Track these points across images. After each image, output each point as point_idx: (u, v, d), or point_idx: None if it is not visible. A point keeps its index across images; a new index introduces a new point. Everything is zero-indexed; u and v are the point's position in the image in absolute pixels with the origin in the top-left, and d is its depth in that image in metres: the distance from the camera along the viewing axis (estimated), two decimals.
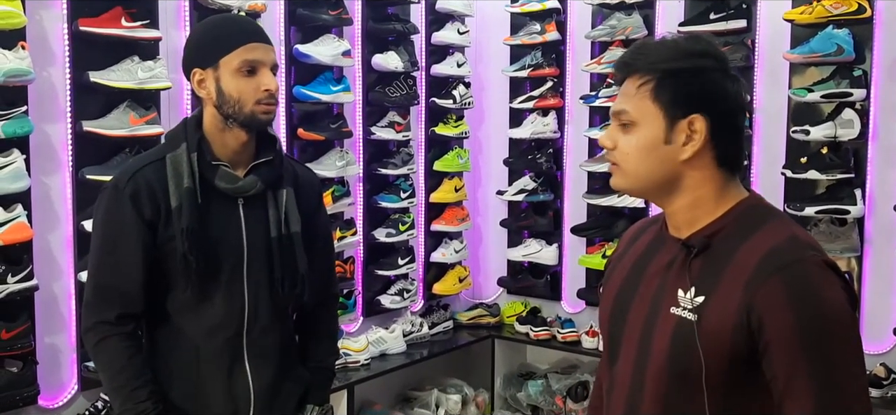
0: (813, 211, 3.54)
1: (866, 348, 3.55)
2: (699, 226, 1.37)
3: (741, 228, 1.35)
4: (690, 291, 1.33)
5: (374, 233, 4.01)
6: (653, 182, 1.38)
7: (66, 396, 3.02)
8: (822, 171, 3.52)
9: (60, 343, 3.00)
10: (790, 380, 1.27)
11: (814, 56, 3.52)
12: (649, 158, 1.35)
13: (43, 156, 2.89)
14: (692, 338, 1.31)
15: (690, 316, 1.32)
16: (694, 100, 1.33)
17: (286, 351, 2.07)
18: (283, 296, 2.00)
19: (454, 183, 4.32)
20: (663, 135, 1.34)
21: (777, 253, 1.29)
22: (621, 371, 1.44)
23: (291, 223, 1.98)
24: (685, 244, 1.37)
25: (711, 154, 1.35)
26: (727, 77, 1.35)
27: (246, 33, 1.91)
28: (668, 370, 1.35)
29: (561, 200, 4.37)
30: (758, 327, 1.27)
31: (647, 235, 1.50)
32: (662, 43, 1.39)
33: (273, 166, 1.97)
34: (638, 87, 1.35)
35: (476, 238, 4.64)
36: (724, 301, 1.30)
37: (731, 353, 1.29)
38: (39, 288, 2.83)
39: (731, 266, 1.31)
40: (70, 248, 2.97)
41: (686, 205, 1.38)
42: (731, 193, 1.38)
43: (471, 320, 4.46)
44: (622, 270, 1.50)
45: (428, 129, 4.24)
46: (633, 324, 1.42)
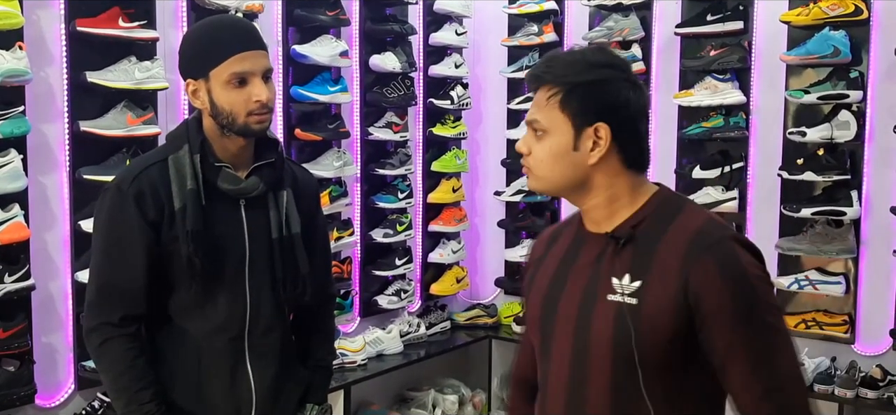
0: (809, 212, 3.54)
1: (863, 350, 3.62)
2: (620, 219, 1.48)
3: (661, 216, 1.47)
4: (625, 277, 1.44)
5: (372, 233, 4.02)
6: (565, 185, 1.49)
7: (62, 395, 3.03)
8: (818, 172, 3.52)
9: (57, 342, 3.01)
10: (728, 356, 1.40)
11: (810, 58, 3.52)
12: (560, 163, 1.47)
13: (40, 156, 2.90)
14: (635, 320, 1.41)
15: (632, 300, 1.42)
16: (598, 109, 1.44)
17: (286, 352, 2.07)
18: (285, 297, 2.00)
19: (452, 183, 4.33)
20: (571, 142, 1.45)
21: (703, 233, 1.42)
22: (557, 367, 1.51)
23: (292, 224, 1.98)
24: (612, 236, 1.48)
25: (617, 157, 1.46)
26: (629, 86, 1.46)
27: (235, 42, 1.85)
28: (612, 355, 1.43)
29: (558, 202, 4.37)
30: (695, 303, 1.38)
31: (565, 237, 1.58)
32: (570, 55, 1.51)
33: (274, 168, 1.97)
34: (548, 99, 1.46)
35: (474, 239, 4.64)
36: (661, 282, 1.41)
37: (672, 330, 1.39)
38: (36, 288, 2.83)
39: (661, 250, 1.43)
40: (67, 247, 2.98)
41: (602, 202, 1.49)
42: (643, 187, 1.50)
43: (468, 321, 4.47)
44: (546, 272, 1.57)
45: (426, 129, 4.25)
46: (565, 320, 1.50)
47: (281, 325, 2.04)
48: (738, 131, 3.75)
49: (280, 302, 2.01)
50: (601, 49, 1.53)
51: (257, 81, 1.86)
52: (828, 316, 3.68)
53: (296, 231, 1.99)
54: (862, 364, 3.56)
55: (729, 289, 1.38)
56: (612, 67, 1.47)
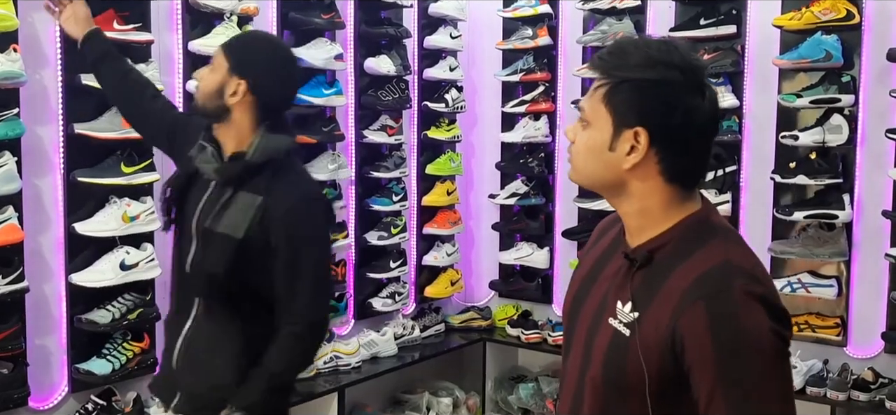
0: (801, 216, 3.56)
1: (854, 352, 3.64)
2: (646, 236, 1.36)
3: (683, 244, 1.33)
4: (628, 304, 1.34)
5: (366, 236, 4.03)
6: (598, 183, 1.39)
7: (56, 397, 3.02)
8: (810, 176, 3.54)
9: (51, 345, 3.01)
10: (707, 405, 1.27)
11: (803, 62, 3.54)
12: (594, 159, 1.36)
13: (34, 158, 2.90)
14: (625, 352, 1.32)
15: (625, 331, 1.33)
16: (643, 112, 1.30)
17: (222, 346, 2.08)
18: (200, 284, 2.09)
19: (446, 186, 4.33)
20: (609, 140, 1.33)
21: (706, 279, 1.28)
22: (570, 370, 1.47)
23: (222, 223, 2.03)
24: (628, 256, 1.38)
25: (657, 168, 1.32)
26: (692, 93, 1.30)
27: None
28: (603, 381, 1.36)
29: (552, 204, 4.39)
30: (681, 350, 1.27)
31: (611, 235, 1.50)
32: (635, 45, 1.35)
33: (236, 164, 2.05)
34: (596, 88, 1.35)
35: (468, 241, 4.65)
36: (654, 321, 1.30)
37: (659, 371, 1.29)
38: (30, 290, 2.83)
39: (665, 286, 1.31)
40: (61, 250, 2.98)
41: (634, 212, 1.37)
42: (680, 206, 1.35)
43: (462, 323, 4.48)
44: (586, 265, 1.51)
45: (420, 132, 4.25)
46: (582, 325, 1.44)
47: (215, 315, 2.08)
48: (731, 135, 3.76)
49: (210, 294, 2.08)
50: (674, 47, 1.33)
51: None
52: (820, 319, 3.70)
53: (221, 231, 2.03)
54: (854, 367, 3.58)
55: (716, 343, 1.24)
56: (675, 68, 1.29)
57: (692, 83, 1.31)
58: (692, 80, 1.31)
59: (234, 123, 2.07)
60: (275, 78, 2.10)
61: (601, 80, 1.34)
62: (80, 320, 2.98)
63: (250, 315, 2.09)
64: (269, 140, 2.06)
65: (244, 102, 2.05)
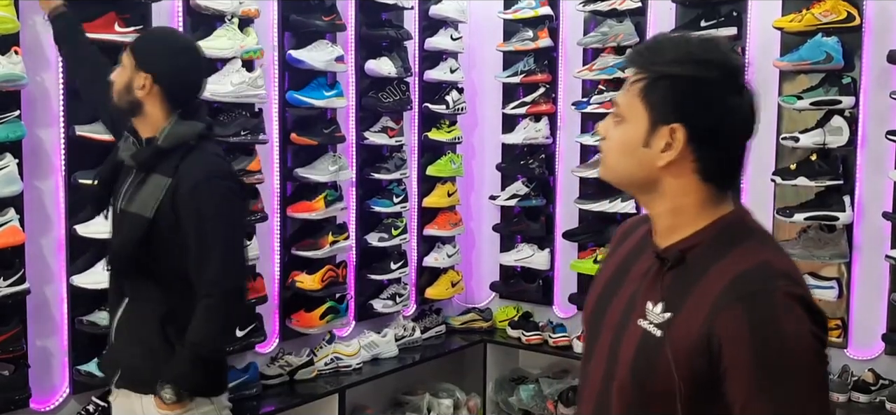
0: (802, 218, 3.56)
1: (855, 354, 3.64)
2: (678, 236, 1.33)
3: (717, 245, 1.30)
4: (659, 305, 1.30)
5: (367, 237, 4.03)
6: (631, 180, 1.36)
7: (57, 399, 3.03)
8: (811, 178, 3.54)
9: (52, 347, 3.01)
10: (743, 411, 1.23)
11: (803, 64, 3.54)
12: (627, 156, 1.33)
13: (36, 160, 2.90)
14: (655, 354, 1.28)
15: (656, 332, 1.29)
16: (680, 108, 1.27)
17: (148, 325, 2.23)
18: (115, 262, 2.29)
19: (447, 188, 4.34)
20: (644, 137, 1.30)
21: (744, 279, 1.25)
22: (593, 374, 1.43)
23: (134, 203, 2.20)
24: (659, 256, 1.34)
25: (693, 167, 1.30)
26: (731, 91, 1.29)
27: None
28: (631, 384, 1.32)
29: (553, 206, 4.39)
30: (717, 353, 1.23)
31: (637, 235, 1.47)
32: (673, 42, 1.33)
33: (145, 149, 2.23)
34: (632, 83, 1.32)
35: (469, 243, 4.65)
36: (688, 322, 1.26)
37: (691, 374, 1.25)
38: (31, 292, 2.84)
39: (700, 286, 1.27)
40: (62, 252, 2.99)
41: (666, 211, 1.34)
42: (714, 207, 1.32)
43: (463, 325, 4.48)
44: (611, 267, 1.48)
45: (421, 134, 4.26)
46: (607, 328, 1.40)
47: (136, 293, 2.26)
48: None
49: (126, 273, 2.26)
50: (714, 44, 1.32)
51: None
52: None
53: (132, 210, 2.20)
54: (854, 368, 3.57)
55: (754, 347, 1.20)
56: (715, 66, 1.28)
57: (731, 82, 1.29)
58: (731, 79, 1.29)
59: (148, 115, 2.25)
60: (177, 68, 2.28)
61: (638, 75, 1.32)
62: (82, 321, 2.99)
63: (171, 291, 2.22)
64: (178, 126, 2.24)
65: (152, 94, 2.23)
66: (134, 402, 2.27)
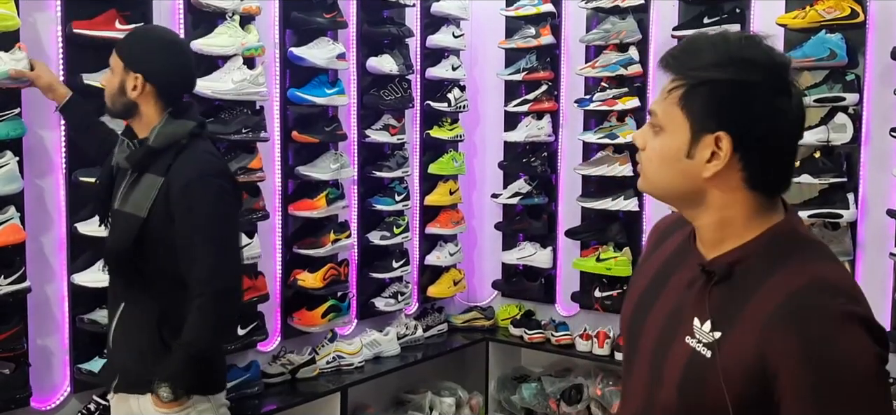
0: (806, 215, 3.54)
1: None
2: (725, 248, 1.25)
3: (768, 259, 1.22)
4: (707, 323, 1.22)
5: (369, 236, 4.02)
6: (673, 193, 1.28)
7: (58, 398, 3.02)
8: (814, 175, 3.52)
9: (53, 345, 3.00)
10: None
11: (807, 60, 3.52)
12: (669, 168, 1.25)
13: (36, 158, 2.89)
14: (705, 375, 1.21)
15: (705, 352, 1.22)
16: (725, 115, 1.19)
17: (143, 324, 2.24)
18: (109, 264, 2.31)
19: (449, 186, 4.33)
20: (686, 147, 1.22)
21: (798, 297, 1.16)
22: (634, 389, 1.36)
23: (128, 203, 2.21)
24: (705, 270, 1.26)
25: (740, 175, 1.22)
26: (777, 93, 1.20)
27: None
28: (677, 405, 1.25)
29: (555, 204, 4.38)
30: (772, 377, 1.16)
31: (676, 238, 1.39)
32: (712, 41, 1.23)
33: (137, 150, 2.24)
34: (670, 91, 1.24)
35: (471, 241, 4.64)
36: (739, 342, 1.19)
37: (743, 399, 1.18)
38: (32, 290, 2.83)
39: (751, 304, 1.20)
40: (63, 250, 2.98)
41: (712, 223, 1.26)
42: (764, 216, 1.24)
43: (465, 323, 4.47)
44: (648, 272, 1.40)
45: (423, 132, 4.25)
46: (648, 338, 1.33)
47: (131, 294, 2.25)
48: None
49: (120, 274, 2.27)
50: (755, 42, 1.22)
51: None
52: None
53: (126, 210, 2.21)
54: None
55: (808, 374, 1.13)
56: (758, 67, 1.19)
57: (777, 82, 1.20)
58: (777, 79, 1.20)
59: (143, 115, 2.27)
60: (167, 64, 2.27)
61: (675, 81, 1.24)
62: (82, 320, 2.98)
63: (166, 292, 2.23)
64: (169, 125, 2.23)
65: (145, 94, 2.24)
66: (131, 403, 2.28)
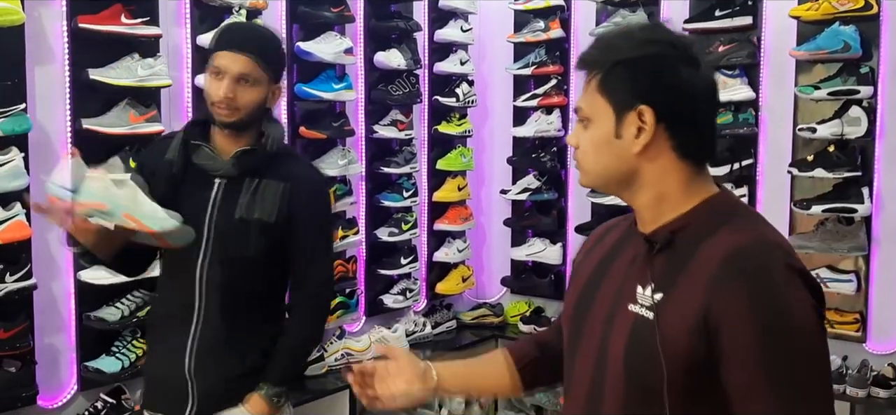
0: (820, 210, 3.50)
1: (874, 348, 3.58)
2: (664, 220, 1.30)
3: (707, 224, 1.27)
4: (649, 287, 1.26)
5: (377, 232, 3.99)
6: (611, 178, 1.33)
7: (65, 396, 3.00)
8: (828, 169, 3.48)
9: (59, 343, 2.98)
10: (744, 398, 1.19)
11: (820, 53, 3.48)
12: (603, 154, 1.31)
13: (42, 154, 2.86)
14: (650, 338, 1.23)
15: (648, 314, 1.25)
16: (641, 89, 1.26)
17: (244, 335, 2.12)
18: (224, 277, 2.08)
19: (457, 182, 4.29)
20: (613, 129, 1.29)
21: (742, 254, 1.21)
22: (579, 376, 1.37)
23: (256, 210, 2.08)
24: (648, 239, 1.31)
25: (669, 145, 1.28)
26: (685, 64, 1.28)
27: (223, 41, 2.09)
28: (625, 373, 1.27)
29: (565, 199, 4.34)
30: (714, 332, 1.19)
31: (616, 233, 1.44)
32: (616, 32, 1.34)
33: (254, 155, 2.10)
34: (589, 82, 1.31)
35: (479, 237, 4.60)
36: (683, 301, 1.22)
37: (688, 356, 1.21)
38: (38, 287, 2.80)
39: (692, 264, 1.24)
40: None
41: (650, 200, 1.31)
42: (699, 187, 1.31)
43: (474, 320, 4.44)
44: (588, 267, 1.43)
45: (431, 127, 4.21)
46: (593, 325, 1.35)
47: (236, 306, 2.12)
48: (747, 128, 3.70)
49: (235, 284, 2.10)
50: (658, 25, 1.35)
51: (227, 79, 2.03)
52: (839, 315, 3.64)
53: (257, 216, 2.08)
54: (873, 363, 3.51)
55: (756, 324, 1.17)
56: (662, 43, 1.28)
57: (684, 55, 1.28)
58: (684, 53, 1.28)
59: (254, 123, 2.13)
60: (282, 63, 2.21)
61: (592, 72, 1.31)
62: (89, 317, 2.96)
63: (266, 297, 2.18)
64: (274, 128, 2.16)
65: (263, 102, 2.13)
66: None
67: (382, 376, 1.57)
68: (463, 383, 1.69)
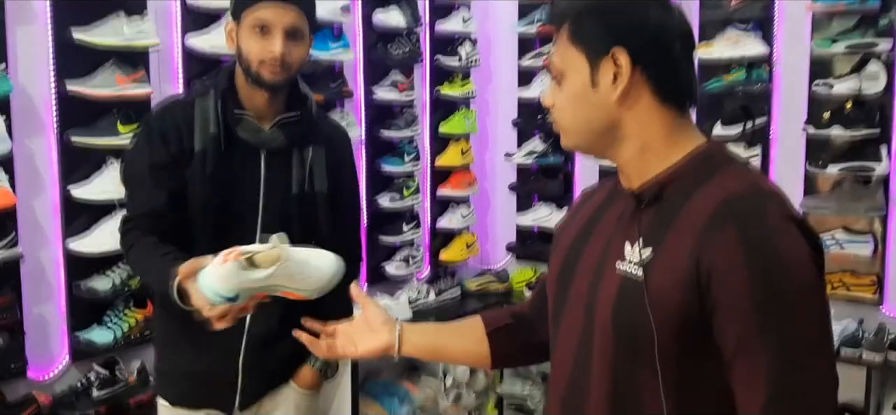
0: (836, 169, 3.39)
1: (891, 312, 3.46)
2: (651, 174, 1.25)
3: (697, 175, 1.22)
4: (638, 244, 1.20)
5: (378, 199, 3.88)
6: (592, 133, 1.27)
7: (56, 367, 2.91)
8: (845, 127, 3.36)
9: (49, 314, 2.89)
10: (738, 351, 1.13)
11: (838, 6, 3.36)
12: (581, 107, 1.25)
13: (25, 118, 2.75)
14: (639, 298, 1.17)
15: (637, 272, 1.19)
16: (613, 33, 1.22)
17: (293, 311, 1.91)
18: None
19: (460, 146, 4.17)
20: (589, 78, 1.23)
21: (734, 202, 1.15)
22: (565, 341, 1.32)
23: (316, 182, 1.98)
24: (634, 195, 1.25)
25: (648, 89, 1.23)
26: (655, 5, 1.24)
27: None
28: (614, 335, 1.22)
29: (572, 163, 4.22)
30: (707, 284, 1.13)
31: (600, 195, 1.39)
32: None
33: (300, 123, 1.98)
34: (560, 36, 1.27)
35: (484, 203, 4.49)
36: (673, 255, 1.16)
37: (679, 313, 1.15)
38: (25, 257, 2.71)
39: (681, 217, 1.18)
40: (57, 214, 2.85)
41: (635, 152, 1.25)
42: (684, 136, 1.25)
43: (479, 288, 4.34)
44: (573, 230, 1.38)
45: (433, 89, 4.08)
46: (579, 288, 1.30)
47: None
48: (760, 85, 3.57)
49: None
50: None
51: (278, 35, 1.86)
52: (855, 277, 3.53)
53: (320, 190, 1.98)
54: (890, 327, 3.41)
55: (750, 269, 1.10)
56: None
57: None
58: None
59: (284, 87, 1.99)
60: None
61: (562, 24, 1.27)
62: (79, 287, 2.86)
63: None
64: (309, 91, 2.05)
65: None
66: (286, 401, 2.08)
67: (345, 331, 1.61)
68: (430, 345, 1.62)
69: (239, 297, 1.64)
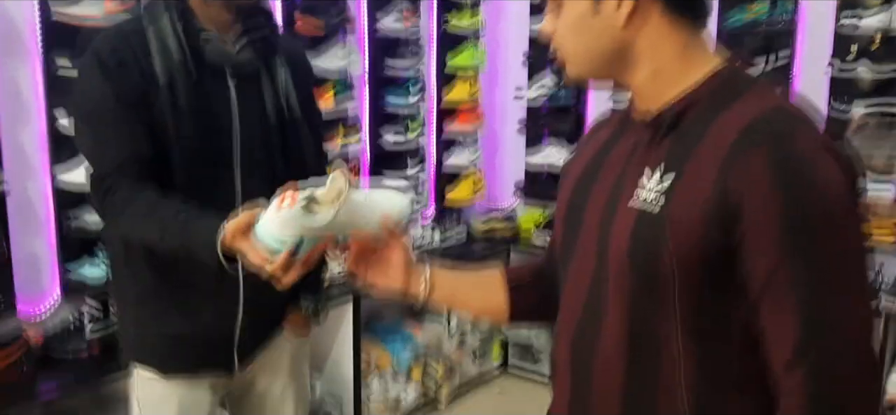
0: (861, 108, 3.23)
1: None
2: (666, 99, 1.14)
3: (717, 99, 1.11)
4: (656, 174, 1.10)
5: (382, 135, 3.76)
6: (600, 60, 1.16)
7: (48, 303, 2.83)
8: (873, 63, 3.20)
9: (38, 248, 2.80)
10: (767, 287, 1.03)
11: None
12: (586, 34, 1.15)
13: (8, 44, 2.63)
14: (658, 232, 1.08)
15: (654, 207, 1.10)
16: None
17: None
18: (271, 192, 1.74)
19: (468, 83, 4.03)
20: (591, 4, 1.13)
21: (763, 123, 1.05)
22: (574, 285, 1.23)
23: (293, 107, 1.83)
24: (651, 122, 1.15)
25: (657, 7, 1.12)
26: None
27: None
28: (630, 272, 1.12)
29: (584, 102, 4.07)
30: (734, 212, 1.03)
31: (608, 128, 1.30)
32: None
33: (267, 41, 1.80)
34: None
35: (492, 143, 4.37)
36: (694, 183, 1.06)
37: (702, 247, 1.05)
38: (11, 191, 2.61)
39: (702, 144, 1.08)
40: (44, 145, 2.74)
41: (648, 76, 1.15)
42: (700, 56, 1.15)
43: (485, 230, 4.25)
44: (582, 161, 1.30)
45: (440, 21, 3.93)
46: (590, 223, 1.20)
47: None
48: (783, 20, 3.40)
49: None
50: None
51: None
52: (875, 222, 3.39)
53: (299, 115, 1.84)
54: None
55: (781, 194, 1.01)
56: None
57: None
58: None
59: None
60: None
61: None
62: (69, 221, 2.76)
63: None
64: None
65: None
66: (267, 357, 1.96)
67: (378, 261, 1.45)
68: (449, 293, 1.50)
69: (302, 245, 1.44)
